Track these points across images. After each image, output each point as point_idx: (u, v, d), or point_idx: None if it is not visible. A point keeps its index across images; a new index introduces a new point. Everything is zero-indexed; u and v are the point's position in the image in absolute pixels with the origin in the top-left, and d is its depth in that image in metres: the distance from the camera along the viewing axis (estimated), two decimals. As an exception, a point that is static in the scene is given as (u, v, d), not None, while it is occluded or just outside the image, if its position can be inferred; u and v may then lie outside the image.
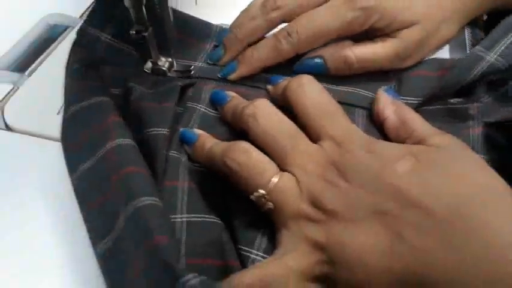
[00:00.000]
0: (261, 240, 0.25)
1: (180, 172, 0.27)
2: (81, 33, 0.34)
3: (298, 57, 0.34)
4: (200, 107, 0.32)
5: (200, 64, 0.35)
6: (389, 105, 0.29)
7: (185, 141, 0.30)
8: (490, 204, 0.21)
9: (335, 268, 0.23)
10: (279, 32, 0.33)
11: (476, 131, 0.29)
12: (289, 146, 0.26)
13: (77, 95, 0.31)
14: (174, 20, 0.33)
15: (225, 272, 0.24)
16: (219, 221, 0.26)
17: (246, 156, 0.26)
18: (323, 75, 0.33)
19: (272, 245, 0.25)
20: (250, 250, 0.25)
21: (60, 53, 0.38)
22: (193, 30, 0.37)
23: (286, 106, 0.29)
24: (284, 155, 0.26)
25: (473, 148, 0.28)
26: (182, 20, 0.36)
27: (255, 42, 0.34)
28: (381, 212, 0.22)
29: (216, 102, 0.32)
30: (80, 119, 0.30)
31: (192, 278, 0.21)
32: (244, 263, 0.25)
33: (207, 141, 0.29)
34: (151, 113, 0.30)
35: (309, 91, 0.28)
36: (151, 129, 0.29)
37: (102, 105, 0.30)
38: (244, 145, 0.26)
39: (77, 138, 0.29)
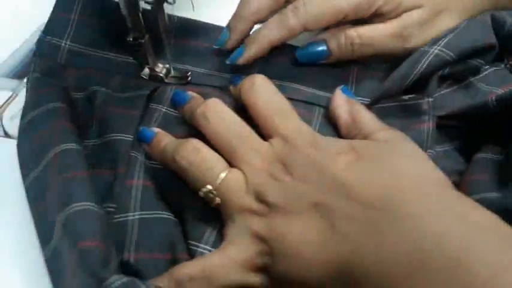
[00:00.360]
0: (210, 235, 0.26)
1: (136, 170, 0.28)
2: (39, 43, 0.35)
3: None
4: (161, 107, 0.32)
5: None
6: (343, 104, 0.30)
7: (143, 139, 0.30)
8: (416, 196, 0.22)
9: (273, 260, 0.24)
10: (286, 7, 0.32)
11: (426, 125, 0.29)
12: (238, 143, 0.27)
13: (32, 104, 0.32)
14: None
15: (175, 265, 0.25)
16: (172, 217, 0.27)
17: (195, 154, 0.27)
18: (324, 61, 0.33)
19: (220, 239, 0.26)
20: (198, 244, 0.26)
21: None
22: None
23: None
24: (233, 152, 0.27)
25: (424, 142, 0.28)
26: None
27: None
28: (320, 204, 0.23)
29: (176, 103, 0.32)
30: (31, 127, 0.31)
31: (116, 281, 0.22)
32: (192, 256, 0.26)
33: (163, 139, 0.29)
34: (117, 119, 0.31)
35: (260, 91, 0.28)
36: (116, 135, 0.30)
37: (52, 112, 0.31)
38: (195, 143, 0.27)
39: (28, 147, 0.30)
